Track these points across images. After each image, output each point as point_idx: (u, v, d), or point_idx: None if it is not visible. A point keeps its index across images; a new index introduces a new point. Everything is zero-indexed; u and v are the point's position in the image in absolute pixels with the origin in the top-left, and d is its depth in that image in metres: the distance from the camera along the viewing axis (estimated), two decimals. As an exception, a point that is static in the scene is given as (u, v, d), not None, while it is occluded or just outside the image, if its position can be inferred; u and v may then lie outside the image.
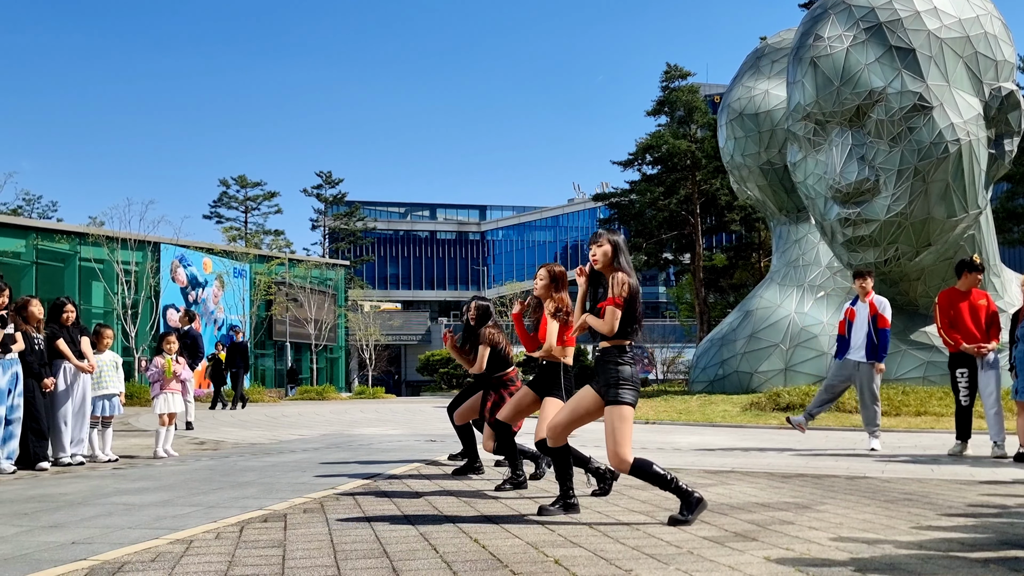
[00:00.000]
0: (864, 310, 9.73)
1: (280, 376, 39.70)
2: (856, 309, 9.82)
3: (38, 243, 28.64)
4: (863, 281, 9.81)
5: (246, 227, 59.88)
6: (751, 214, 37.97)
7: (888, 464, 8.12)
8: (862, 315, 9.72)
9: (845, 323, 9.87)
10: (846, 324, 9.86)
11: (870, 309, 9.67)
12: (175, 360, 9.77)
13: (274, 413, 20.76)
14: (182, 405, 9.89)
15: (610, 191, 45.92)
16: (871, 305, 9.69)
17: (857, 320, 9.74)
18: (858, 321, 9.73)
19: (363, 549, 4.05)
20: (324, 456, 9.16)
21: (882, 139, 14.95)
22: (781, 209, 20.49)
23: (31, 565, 3.79)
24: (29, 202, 58.13)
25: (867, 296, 9.78)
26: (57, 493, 6.35)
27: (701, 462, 8.32)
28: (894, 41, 14.85)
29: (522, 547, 4.08)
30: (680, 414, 15.71)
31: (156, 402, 9.62)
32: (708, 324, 38.61)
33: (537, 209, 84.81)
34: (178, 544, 4.23)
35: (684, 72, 41.52)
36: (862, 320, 9.69)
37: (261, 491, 6.27)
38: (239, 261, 36.37)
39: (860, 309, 9.78)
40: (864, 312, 9.71)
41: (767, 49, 21.16)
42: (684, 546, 4.10)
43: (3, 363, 7.88)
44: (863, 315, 9.71)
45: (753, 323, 18.83)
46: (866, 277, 9.85)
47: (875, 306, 9.67)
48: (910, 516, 4.99)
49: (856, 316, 9.77)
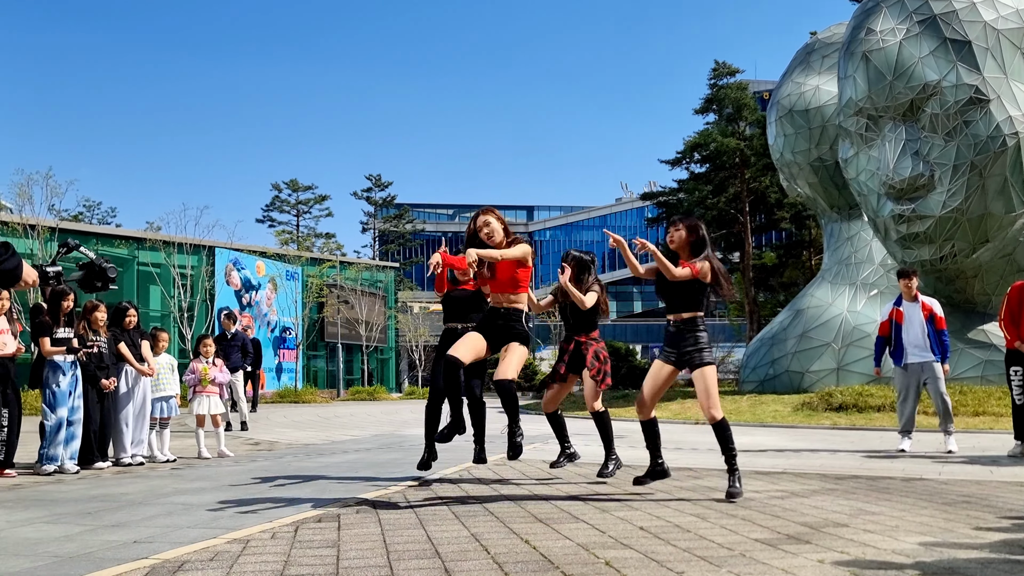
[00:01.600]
0: (916, 311, 9.42)
1: (332, 377, 40.15)
2: (904, 310, 9.51)
3: (98, 248, 29.32)
4: (909, 281, 9.52)
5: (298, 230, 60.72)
6: (801, 211, 37.46)
7: (945, 465, 7.96)
8: (913, 317, 9.42)
9: (890, 324, 9.56)
10: (891, 325, 9.55)
11: (923, 310, 9.37)
12: (212, 363, 9.93)
13: (326, 414, 21.01)
14: (220, 406, 10.01)
15: (658, 190, 45.65)
16: (924, 306, 9.39)
17: (907, 322, 9.44)
18: (908, 323, 9.43)
19: (415, 549, 4.09)
20: (376, 457, 9.26)
21: (937, 133, 14.67)
22: (832, 206, 20.19)
23: (95, 563, 3.90)
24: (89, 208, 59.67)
25: (915, 297, 9.52)
26: (118, 493, 6.52)
27: (752, 463, 8.24)
28: (949, 33, 14.56)
29: (573, 548, 4.09)
30: (730, 414, 15.53)
31: (192, 404, 9.81)
32: (758, 323, 38.19)
33: (584, 209, 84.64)
34: (235, 543, 4.32)
35: (732, 69, 41.14)
36: (914, 322, 9.39)
37: (315, 491, 6.37)
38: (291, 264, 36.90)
39: (910, 310, 9.48)
40: (916, 314, 9.40)
41: (817, 44, 20.86)
42: (736, 548, 4.07)
43: (65, 366, 8.11)
44: (915, 317, 9.40)
45: (804, 322, 18.58)
46: (912, 277, 9.56)
47: (929, 307, 9.38)
48: (969, 519, 4.90)
49: (905, 318, 9.47)
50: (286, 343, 36.18)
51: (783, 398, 16.78)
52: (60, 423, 8.01)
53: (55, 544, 4.39)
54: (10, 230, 23.93)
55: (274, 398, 29.81)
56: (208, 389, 9.77)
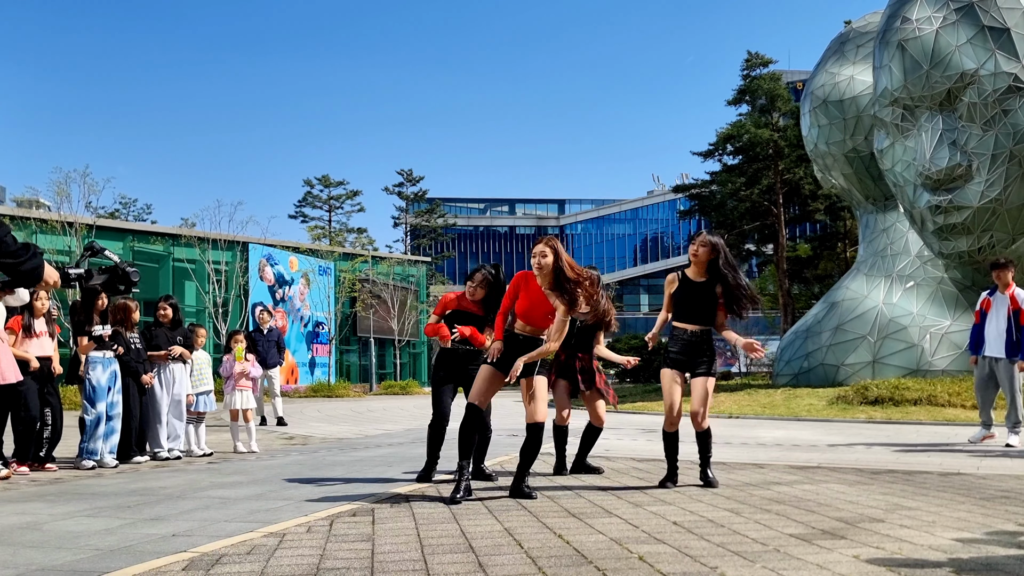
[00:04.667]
0: (1003, 303, 9.20)
1: (364, 371, 40.40)
2: (993, 300, 9.31)
3: (134, 245, 29.73)
4: (1001, 272, 9.25)
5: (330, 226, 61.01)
6: (836, 203, 37.03)
7: (984, 460, 7.86)
8: (1000, 308, 9.21)
9: (980, 313, 9.39)
10: (980, 314, 9.38)
11: (1011, 303, 9.13)
12: (244, 358, 10.03)
13: (359, 408, 21.16)
14: (253, 401, 10.13)
15: (690, 182, 45.36)
16: (1013, 299, 9.13)
17: (992, 311, 9.25)
18: (993, 312, 9.24)
19: (449, 543, 4.12)
20: (409, 451, 9.31)
21: (975, 123, 14.45)
22: (868, 197, 19.95)
23: (135, 556, 3.97)
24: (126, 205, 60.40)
25: (1008, 288, 9.23)
26: (157, 487, 6.62)
27: (786, 457, 8.19)
28: (987, 21, 14.32)
29: (606, 543, 4.10)
30: (764, 408, 15.46)
31: (227, 399, 9.92)
32: (792, 316, 37.86)
33: (616, 202, 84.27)
34: (272, 537, 4.38)
35: (766, 60, 40.72)
36: (999, 313, 9.19)
37: (349, 486, 6.42)
38: (324, 259, 37.11)
39: (998, 301, 9.27)
40: (1003, 305, 9.18)
41: (852, 33, 20.60)
42: (770, 543, 4.06)
43: (103, 361, 8.24)
44: (1001, 308, 9.19)
45: (839, 314, 18.39)
46: (1003, 269, 9.25)
47: (1018, 300, 9.12)
48: (1008, 514, 4.84)
49: (992, 307, 9.27)
50: (319, 338, 36.45)
51: (818, 391, 16.63)
52: (99, 418, 8.15)
53: (96, 537, 4.47)
54: (49, 227, 24.31)
55: (307, 392, 30.05)
56: (242, 383, 9.88)
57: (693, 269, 6.19)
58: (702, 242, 6.14)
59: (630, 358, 7.07)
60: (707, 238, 6.15)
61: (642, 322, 65.07)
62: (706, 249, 6.09)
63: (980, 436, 9.40)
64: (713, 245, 6.10)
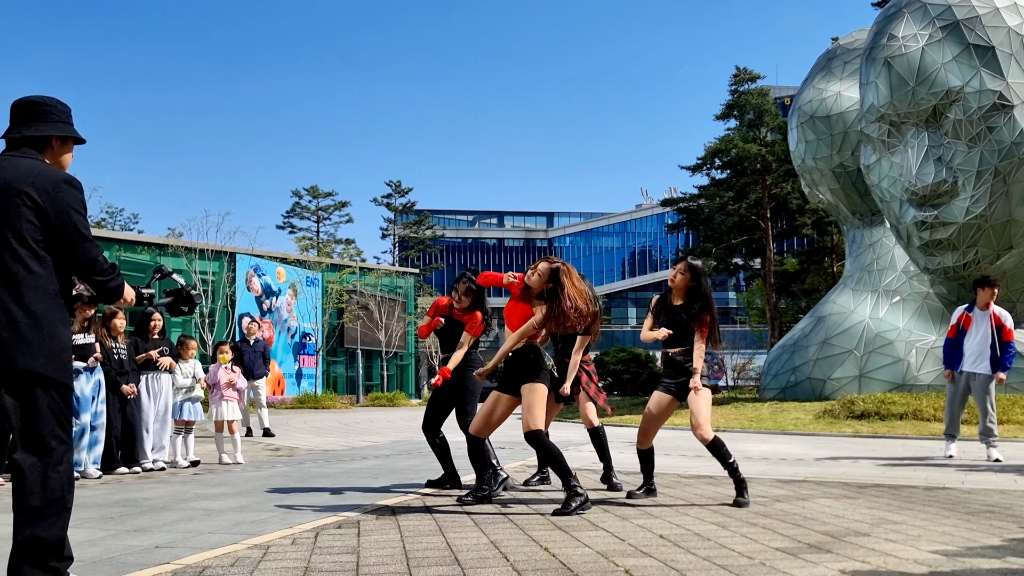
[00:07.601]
0: (984, 318, 9.26)
1: (351, 383, 40.28)
2: (973, 316, 9.35)
3: (121, 254, 29.64)
4: (987, 290, 9.31)
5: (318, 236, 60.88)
6: (823, 218, 37.25)
7: (969, 474, 7.89)
8: (981, 323, 9.26)
9: (956, 328, 9.43)
10: (957, 329, 9.41)
11: (993, 320, 9.20)
12: (230, 369, 9.97)
13: (346, 419, 21.08)
14: (238, 412, 10.06)
15: (678, 196, 45.54)
16: (995, 316, 9.21)
17: (973, 328, 9.29)
18: (974, 329, 9.28)
19: (435, 556, 4.10)
20: (396, 463, 9.28)
21: (960, 139, 14.57)
22: (854, 212, 20.07)
23: (118, 568, 3.94)
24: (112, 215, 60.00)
25: (987, 306, 9.31)
26: (140, 498, 6.57)
27: (773, 471, 8.20)
28: (972, 39, 14.46)
29: (592, 556, 4.09)
30: (751, 421, 15.48)
31: (212, 409, 9.85)
32: (779, 330, 37.99)
33: (604, 215, 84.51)
34: (256, 549, 4.35)
35: (753, 75, 41.01)
36: (980, 329, 9.24)
37: (335, 497, 6.40)
38: (312, 270, 37.06)
39: (978, 317, 9.32)
40: (984, 321, 9.24)
41: (839, 50, 20.77)
42: (756, 557, 4.06)
43: (86, 372, 8.18)
44: (982, 324, 9.24)
45: (826, 329, 18.46)
46: (987, 287, 9.32)
47: (999, 317, 9.20)
48: (992, 529, 4.86)
49: (972, 324, 9.31)
50: (306, 349, 36.35)
51: (804, 405, 16.67)
52: (83, 428, 8.09)
53: (78, 549, 4.42)
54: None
55: (294, 404, 29.92)
56: (228, 394, 9.82)
57: (673, 294, 6.24)
58: (680, 269, 6.17)
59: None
60: (687, 264, 6.17)
61: (630, 335, 65.11)
62: (684, 277, 6.13)
63: (949, 449, 9.47)
64: (692, 273, 6.12)
